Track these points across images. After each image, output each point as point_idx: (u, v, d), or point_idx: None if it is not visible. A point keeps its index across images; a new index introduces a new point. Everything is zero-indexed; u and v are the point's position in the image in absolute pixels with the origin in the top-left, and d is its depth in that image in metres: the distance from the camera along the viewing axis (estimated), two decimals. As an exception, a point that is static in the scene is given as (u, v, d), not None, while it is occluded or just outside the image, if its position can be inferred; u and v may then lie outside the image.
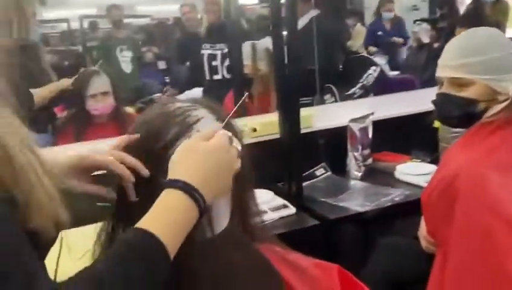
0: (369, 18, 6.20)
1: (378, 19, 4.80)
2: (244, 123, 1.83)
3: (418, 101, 2.21)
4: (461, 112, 1.19)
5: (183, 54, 3.60)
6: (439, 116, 1.32)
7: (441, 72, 1.24)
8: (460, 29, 3.15)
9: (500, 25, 3.33)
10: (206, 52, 2.80)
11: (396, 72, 4.09)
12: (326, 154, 1.95)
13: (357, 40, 4.82)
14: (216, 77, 2.79)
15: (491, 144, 1.09)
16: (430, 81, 3.70)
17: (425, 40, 4.15)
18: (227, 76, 2.72)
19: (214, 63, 2.79)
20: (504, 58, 1.16)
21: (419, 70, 3.91)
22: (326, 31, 2.52)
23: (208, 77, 2.83)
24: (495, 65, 1.15)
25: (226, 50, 2.68)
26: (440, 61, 1.24)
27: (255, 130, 1.82)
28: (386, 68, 3.85)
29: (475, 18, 3.08)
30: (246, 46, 2.30)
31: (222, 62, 2.76)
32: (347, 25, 4.50)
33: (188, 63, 3.51)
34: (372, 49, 4.00)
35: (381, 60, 3.97)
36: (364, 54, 4.68)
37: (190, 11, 3.68)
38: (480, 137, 1.12)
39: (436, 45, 4.02)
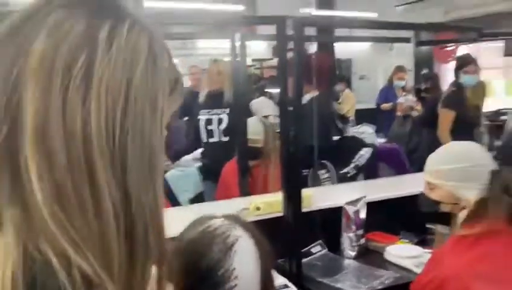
0: (355, 82, 6.56)
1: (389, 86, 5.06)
2: (248, 202, 1.99)
3: (407, 184, 2.40)
4: (428, 209, 1.48)
5: (183, 110, 3.74)
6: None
7: (423, 174, 1.48)
8: (443, 109, 3.43)
9: (480, 107, 3.62)
10: (203, 117, 2.90)
11: (383, 140, 4.29)
12: (323, 232, 2.10)
13: (346, 104, 5.10)
14: (212, 140, 2.90)
15: (479, 253, 1.24)
16: (415, 150, 3.93)
17: (411, 110, 4.41)
18: (224, 139, 2.84)
19: (209, 127, 2.91)
20: (471, 169, 1.35)
21: (404, 140, 4.15)
22: (323, 110, 2.74)
23: (204, 140, 2.95)
24: (460, 174, 1.35)
25: (221, 115, 2.82)
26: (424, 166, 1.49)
27: (258, 208, 1.97)
28: (374, 137, 4.08)
29: (458, 101, 3.34)
30: (254, 120, 2.47)
31: (218, 126, 2.90)
32: (337, 92, 4.78)
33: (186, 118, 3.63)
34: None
35: (369, 129, 4.20)
36: (352, 118, 4.97)
37: (197, 72, 3.89)
38: (470, 241, 1.28)
39: (420, 115, 4.30)
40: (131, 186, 0.40)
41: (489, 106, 4.21)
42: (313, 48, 3.79)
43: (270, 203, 1.99)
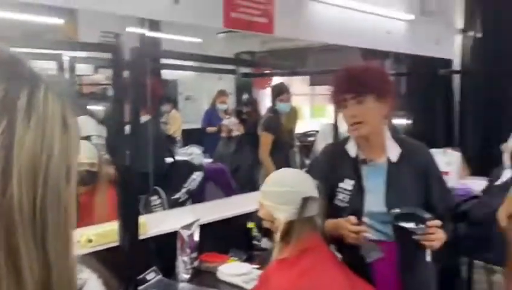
0: (182, 103, 6.69)
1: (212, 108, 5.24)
2: (78, 234, 1.90)
3: (235, 205, 2.59)
4: (257, 224, 1.68)
5: None
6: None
7: None
8: (263, 133, 3.78)
9: (293, 130, 4.09)
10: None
11: (210, 160, 4.46)
12: (160, 258, 2.13)
13: (173, 125, 5.18)
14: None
15: (299, 270, 1.44)
16: (238, 169, 4.21)
17: (234, 132, 4.71)
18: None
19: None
20: (286, 193, 1.51)
21: (229, 159, 4.41)
22: (155, 133, 2.77)
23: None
24: (277, 196, 1.54)
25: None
26: None
27: (90, 241, 1.90)
28: (202, 157, 4.24)
29: (275, 125, 3.73)
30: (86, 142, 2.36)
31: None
32: (163, 113, 4.83)
33: None
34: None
35: (196, 150, 4.35)
36: (179, 138, 5.07)
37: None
38: (290, 261, 1.47)
39: (242, 136, 4.63)
40: (52, 256, 0.41)
41: (299, 128, 4.77)
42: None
43: (102, 233, 1.94)
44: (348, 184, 1.68)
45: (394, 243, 1.61)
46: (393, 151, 1.69)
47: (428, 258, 1.57)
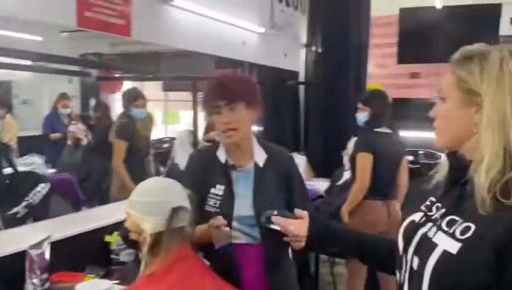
0: (17, 107, 5.98)
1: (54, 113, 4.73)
2: None
3: (90, 218, 2.40)
4: (124, 235, 1.55)
5: None
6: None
7: None
8: (116, 140, 3.59)
9: (149, 137, 3.97)
10: None
11: (53, 170, 4.08)
12: (3, 283, 1.86)
13: (7, 133, 4.60)
14: None
15: (172, 280, 1.39)
16: (87, 179, 3.92)
17: (82, 139, 4.39)
18: None
19: None
20: (152, 203, 1.45)
21: (76, 169, 4.08)
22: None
23: None
24: (143, 206, 1.47)
25: None
26: None
27: None
28: (44, 168, 3.85)
29: (129, 132, 3.56)
30: None
31: None
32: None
33: None
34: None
35: (38, 160, 3.94)
36: (15, 146, 4.53)
37: None
38: (163, 272, 1.41)
39: (91, 143, 4.34)
40: None
41: (154, 135, 4.65)
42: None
43: None
44: (219, 190, 1.70)
45: (261, 245, 1.68)
46: (260, 156, 1.76)
47: (290, 256, 1.67)
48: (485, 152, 0.90)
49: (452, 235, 0.92)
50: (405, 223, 1.09)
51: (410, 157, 4.66)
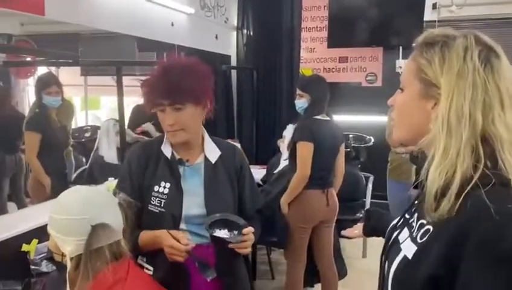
0: None
1: None
2: None
3: (3, 226, 2.10)
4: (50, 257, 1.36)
5: None
6: None
7: None
8: (28, 132, 3.21)
9: (67, 127, 3.61)
10: None
11: None
12: None
13: None
14: None
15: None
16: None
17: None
18: None
19: None
20: (68, 222, 1.21)
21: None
22: None
23: None
24: (59, 225, 1.23)
25: None
26: None
27: None
28: None
29: (43, 123, 3.20)
30: None
31: None
32: None
33: None
34: None
35: None
36: None
37: None
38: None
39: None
40: None
41: (74, 124, 4.27)
42: None
43: None
44: (163, 187, 1.54)
45: (212, 246, 1.55)
46: (212, 152, 1.64)
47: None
48: (436, 153, 0.80)
49: (414, 239, 0.84)
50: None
51: (343, 141, 4.70)
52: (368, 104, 5.03)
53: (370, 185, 4.26)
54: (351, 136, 5.11)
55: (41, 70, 4.12)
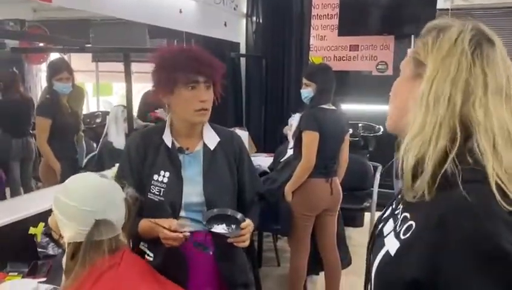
0: None
1: None
2: None
3: (12, 209, 2.15)
4: (47, 232, 1.43)
5: None
6: None
7: None
8: (39, 117, 3.26)
9: (79, 113, 3.65)
10: None
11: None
12: None
13: None
14: None
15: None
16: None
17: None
18: None
19: None
20: (74, 209, 1.24)
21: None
22: None
23: None
24: (64, 209, 1.26)
25: None
26: None
27: None
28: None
29: (54, 109, 3.25)
30: None
31: None
32: None
33: None
34: None
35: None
36: None
37: None
38: (90, 285, 1.23)
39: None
40: None
41: (85, 109, 4.32)
42: None
43: None
44: (163, 176, 1.57)
45: (211, 234, 1.56)
46: (211, 139, 1.65)
47: None
48: (411, 130, 0.79)
49: (397, 235, 0.82)
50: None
51: (350, 130, 4.68)
52: (378, 94, 4.96)
53: (378, 175, 4.25)
54: (360, 125, 5.09)
55: (54, 56, 4.17)
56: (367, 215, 4.29)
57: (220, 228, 1.51)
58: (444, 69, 0.79)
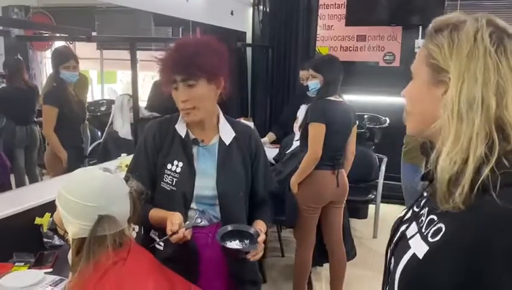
0: None
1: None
2: None
3: (18, 199, 2.15)
4: (52, 227, 1.38)
5: None
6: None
7: None
8: (45, 106, 3.24)
9: (84, 102, 3.64)
10: None
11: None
12: None
13: None
14: None
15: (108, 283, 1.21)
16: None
17: None
18: None
19: None
20: (77, 205, 1.23)
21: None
22: None
23: None
24: (68, 205, 1.24)
25: None
26: None
27: None
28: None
29: (60, 97, 3.23)
30: None
31: None
32: None
33: None
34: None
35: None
36: None
37: None
38: (97, 280, 1.22)
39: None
40: None
41: (89, 97, 4.30)
42: None
43: None
44: (176, 166, 1.55)
45: (221, 225, 1.56)
46: (227, 134, 1.62)
47: None
48: (446, 141, 0.76)
49: (425, 238, 0.80)
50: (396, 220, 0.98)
51: (356, 122, 4.65)
52: (384, 85, 4.95)
53: (383, 167, 4.23)
54: (366, 116, 5.05)
55: (59, 43, 4.14)
56: (371, 207, 4.28)
57: (233, 244, 1.50)
58: (470, 72, 0.76)
